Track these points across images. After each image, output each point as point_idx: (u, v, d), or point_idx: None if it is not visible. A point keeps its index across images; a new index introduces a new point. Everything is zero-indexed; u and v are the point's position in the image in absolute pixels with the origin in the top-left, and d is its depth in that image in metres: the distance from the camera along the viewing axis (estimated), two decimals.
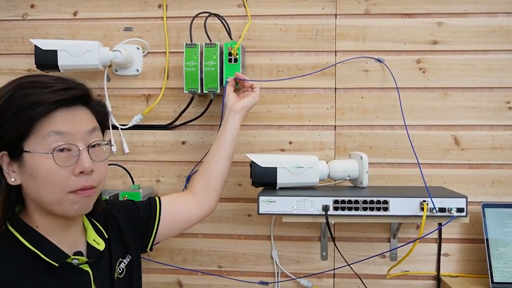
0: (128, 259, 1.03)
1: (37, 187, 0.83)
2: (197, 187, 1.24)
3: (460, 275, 1.49)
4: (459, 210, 1.21)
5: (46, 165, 0.82)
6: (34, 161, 0.82)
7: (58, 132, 0.82)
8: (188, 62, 1.44)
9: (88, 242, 0.94)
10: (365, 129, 1.52)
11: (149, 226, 1.12)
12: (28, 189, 0.85)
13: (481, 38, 1.49)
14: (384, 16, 1.51)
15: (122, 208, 1.09)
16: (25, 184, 0.84)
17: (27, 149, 0.82)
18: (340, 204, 1.24)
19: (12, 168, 0.83)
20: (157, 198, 1.18)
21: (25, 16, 1.60)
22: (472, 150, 1.50)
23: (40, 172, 0.82)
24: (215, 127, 1.54)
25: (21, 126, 0.81)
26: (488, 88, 1.49)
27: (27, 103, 0.81)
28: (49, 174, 0.82)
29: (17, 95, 0.82)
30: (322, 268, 1.54)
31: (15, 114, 0.80)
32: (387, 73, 1.50)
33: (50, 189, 0.83)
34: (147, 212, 1.13)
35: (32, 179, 0.83)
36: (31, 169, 0.82)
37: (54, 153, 0.82)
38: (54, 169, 0.82)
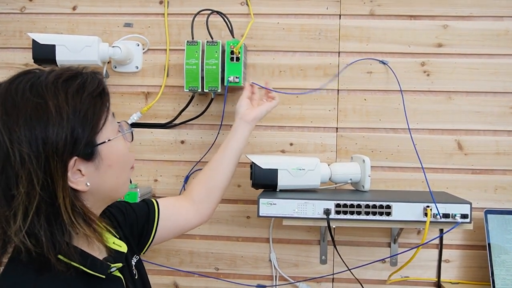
0: (136, 260, 0.98)
1: (117, 174, 0.80)
2: (197, 195, 1.18)
3: (461, 282, 1.47)
4: (463, 216, 1.19)
5: (122, 148, 0.82)
6: (112, 149, 0.78)
7: (113, 113, 0.82)
8: (189, 59, 1.41)
9: (108, 246, 0.86)
10: (367, 132, 1.50)
11: (146, 231, 1.06)
12: (102, 184, 0.78)
13: (487, 42, 1.47)
14: (389, 17, 1.49)
15: (119, 210, 1.03)
16: (99, 181, 0.77)
17: (103, 140, 0.77)
18: (342, 208, 1.22)
19: (81, 172, 0.74)
20: (155, 202, 1.11)
21: (23, 9, 1.57)
22: (475, 155, 1.48)
23: (121, 156, 0.81)
24: (215, 127, 1.51)
25: (100, 118, 0.76)
26: (492, 92, 1.47)
27: (93, 90, 0.76)
28: (125, 155, 0.82)
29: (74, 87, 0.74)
30: (321, 272, 1.51)
31: (90, 106, 0.74)
32: (390, 75, 1.48)
33: (125, 170, 0.83)
34: (144, 216, 1.07)
35: (111, 169, 0.79)
36: (111, 159, 0.78)
37: (128, 131, 0.84)
38: (126, 147, 0.83)
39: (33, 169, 0.68)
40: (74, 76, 0.75)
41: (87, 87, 0.75)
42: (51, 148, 0.69)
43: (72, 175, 0.73)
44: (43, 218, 0.70)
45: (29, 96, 0.70)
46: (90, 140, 0.74)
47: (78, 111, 0.72)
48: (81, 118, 0.72)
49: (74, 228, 0.73)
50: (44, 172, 0.69)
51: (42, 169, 0.68)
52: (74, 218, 0.72)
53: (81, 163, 0.74)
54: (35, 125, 0.68)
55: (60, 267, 0.72)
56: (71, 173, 0.72)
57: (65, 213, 0.71)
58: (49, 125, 0.69)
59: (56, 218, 0.71)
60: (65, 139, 0.70)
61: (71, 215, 0.72)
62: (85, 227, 0.74)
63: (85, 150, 0.73)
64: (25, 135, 0.68)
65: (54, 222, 0.71)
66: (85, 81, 0.75)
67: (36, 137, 0.68)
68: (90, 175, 0.75)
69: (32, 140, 0.68)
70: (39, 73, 0.75)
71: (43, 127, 0.69)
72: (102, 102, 0.77)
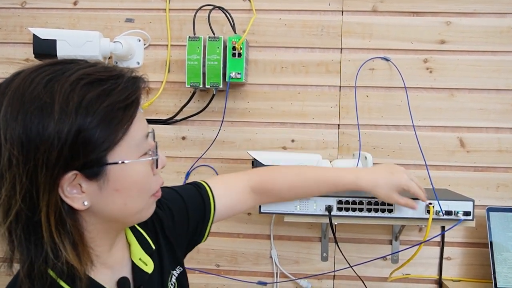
0: (179, 271, 0.86)
1: (125, 201, 0.67)
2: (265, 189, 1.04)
3: (462, 280, 1.47)
4: (465, 214, 1.18)
5: (142, 174, 0.68)
6: (126, 172, 0.66)
7: (146, 133, 0.69)
8: (190, 55, 1.40)
9: (133, 262, 0.77)
10: (369, 129, 1.49)
11: (202, 225, 0.93)
12: (106, 207, 0.66)
13: (490, 38, 1.46)
14: (392, 14, 1.48)
15: (170, 211, 0.89)
16: (102, 203, 0.66)
17: (114, 160, 0.64)
18: (344, 204, 1.21)
19: (81, 188, 0.63)
20: (208, 189, 0.96)
21: (24, 4, 1.56)
22: (477, 153, 1.47)
23: (134, 183, 0.67)
24: (217, 123, 1.50)
25: (113, 135, 0.63)
26: (495, 89, 1.47)
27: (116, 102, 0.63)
28: (144, 181, 0.69)
29: (94, 93, 0.62)
30: (322, 269, 1.51)
31: (104, 120, 0.62)
32: (393, 72, 1.47)
33: (139, 198, 0.69)
34: (199, 211, 0.93)
35: (118, 194, 0.66)
36: (120, 183, 0.65)
37: (152, 157, 0.69)
38: (147, 174, 0.69)
39: (18, 175, 0.59)
40: (103, 79, 0.64)
41: (112, 95, 0.63)
42: (42, 156, 0.59)
43: (70, 188, 0.62)
44: (20, 227, 0.62)
45: (40, 92, 0.60)
46: (96, 157, 0.62)
47: (88, 122, 0.60)
48: (90, 131, 0.61)
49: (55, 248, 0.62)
50: (29, 181, 0.59)
51: (27, 178, 0.59)
52: (58, 237, 0.62)
53: (82, 179, 0.63)
54: (32, 126, 0.59)
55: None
56: (67, 185, 0.62)
57: (46, 230, 0.61)
58: (47, 130, 0.59)
59: (36, 233, 0.62)
60: (59, 150, 0.59)
61: (55, 233, 0.62)
62: (70, 251, 0.63)
63: (87, 167, 0.62)
64: (19, 134, 0.59)
65: (31, 236, 0.62)
66: (114, 88, 0.63)
67: (30, 140, 0.59)
68: (91, 195, 0.64)
69: (25, 142, 0.59)
70: (68, 67, 0.64)
71: (40, 130, 0.59)
72: (124, 116, 0.64)
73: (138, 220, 0.73)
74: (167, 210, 0.88)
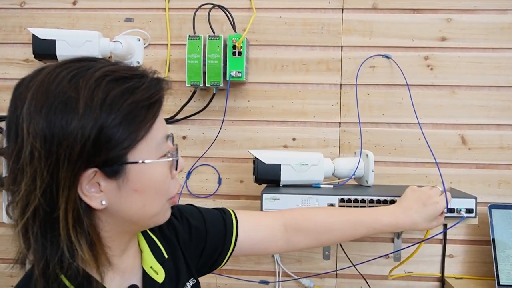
0: (192, 283, 0.84)
1: (144, 202, 0.67)
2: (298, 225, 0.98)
3: (465, 277, 1.46)
4: (468, 211, 1.18)
5: (162, 174, 0.68)
6: (146, 172, 0.65)
7: (166, 135, 0.69)
8: (190, 54, 1.40)
9: (144, 270, 0.76)
10: (370, 127, 1.49)
11: (219, 254, 0.91)
12: (124, 208, 0.66)
13: (491, 35, 1.46)
14: (392, 11, 1.48)
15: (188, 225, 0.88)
16: (120, 203, 0.65)
17: (135, 159, 0.64)
18: (346, 203, 1.21)
19: (99, 187, 0.63)
20: (234, 218, 0.93)
21: (22, 4, 1.55)
22: (479, 150, 1.47)
23: (153, 184, 0.67)
24: (217, 122, 1.50)
25: (135, 133, 0.63)
26: (496, 86, 1.46)
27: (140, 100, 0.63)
28: (163, 182, 0.68)
29: (119, 90, 0.62)
30: (324, 268, 1.51)
31: (127, 117, 0.62)
32: (394, 70, 1.47)
33: (157, 200, 0.69)
34: (219, 237, 0.90)
35: (137, 195, 0.66)
36: (139, 183, 0.65)
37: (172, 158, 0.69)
38: (166, 176, 0.69)
39: (39, 169, 0.59)
40: (127, 77, 0.64)
41: (136, 93, 0.63)
42: (65, 151, 0.58)
43: (89, 186, 0.62)
44: (37, 224, 0.61)
45: (65, 87, 0.60)
46: (117, 155, 0.62)
47: (111, 118, 0.60)
48: (113, 127, 0.60)
49: (71, 247, 0.62)
50: (50, 176, 0.59)
51: (49, 172, 0.59)
52: (75, 236, 0.61)
53: (102, 177, 0.62)
54: (56, 121, 0.59)
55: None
56: (86, 183, 0.62)
57: (64, 228, 0.61)
58: (71, 124, 0.59)
59: (53, 230, 0.62)
60: (82, 145, 0.59)
61: (72, 231, 0.61)
62: (86, 250, 0.62)
63: (108, 165, 0.62)
64: (42, 128, 0.58)
65: (48, 234, 0.62)
66: (138, 86, 0.64)
67: (53, 134, 0.58)
68: (109, 194, 0.64)
69: (48, 135, 0.58)
70: (92, 64, 0.65)
71: (63, 124, 0.59)
72: (146, 115, 0.64)
73: (154, 224, 0.73)
74: (185, 223, 0.88)
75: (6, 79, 1.56)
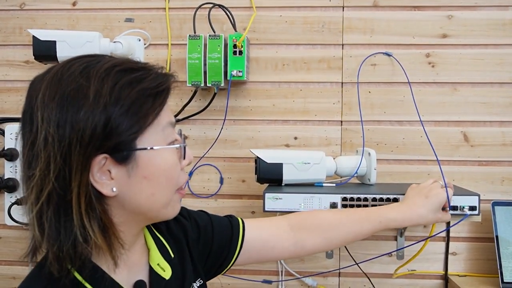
0: (199, 283, 0.85)
1: (153, 190, 0.69)
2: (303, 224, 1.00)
3: (468, 275, 1.46)
4: (471, 209, 1.17)
5: (170, 162, 0.70)
6: (155, 159, 0.68)
7: (172, 122, 0.72)
8: (191, 54, 1.39)
9: (151, 266, 0.77)
10: (372, 125, 1.48)
11: (225, 257, 0.92)
12: (134, 196, 0.68)
13: (492, 31, 1.45)
14: (393, 8, 1.47)
15: (196, 225, 0.90)
16: (130, 191, 0.68)
17: (144, 146, 0.66)
18: (349, 201, 1.21)
19: (110, 175, 0.65)
20: (241, 221, 0.96)
21: (22, 6, 1.55)
22: (481, 147, 1.46)
23: (162, 171, 0.69)
24: (219, 122, 1.49)
25: (143, 119, 0.66)
26: (498, 83, 1.46)
27: (148, 88, 0.66)
28: (171, 170, 0.70)
29: (127, 79, 0.65)
30: (327, 267, 1.50)
31: (135, 103, 0.65)
32: (395, 67, 1.47)
33: (166, 189, 0.71)
34: (225, 239, 0.92)
35: (147, 182, 0.68)
36: (148, 169, 0.67)
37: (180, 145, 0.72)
38: (175, 163, 0.71)
39: (53, 153, 0.61)
40: (134, 69, 0.67)
41: (144, 82, 0.66)
42: (77, 135, 0.61)
43: (100, 174, 0.65)
44: (52, 209, 0.64)
45: (77, 76, 0.64)
46: (127, 140, 0.65)
47: (120, 104, 0.63)
48: (122, 113, 0.63)
49: (84, 231, 0.64)
50: (63, 160, 0.62)
51: (62, 156, 0.62)
52: (88, 221, 0.64)
53: (112, 164, 0.65)
54: (69, 107, 0.62)
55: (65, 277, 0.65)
56: (97, 170, 0.64)
57: (76, 213, 0.63)
58: (82, 110, 0.62)
59: (66, 214, 0.64)
60: (93, 129, 0.62)
61: (84, 216, 0.63)
62: (99, 235, 0.64)
63: (117, 151, 0.64)
64: (55, 114, 0.62)
65: (62, 218, 0.64)
66: (145, 77, 0.67)
67: (66, 120, 0.62)
68: (119, 181, 0.66)
69: (61, 121, 0.62)
70: (101, 58, 0.68)
71: (75, 110, 0.62)
72: (154, 102, 0.67)
73: (163, 216, 0.74)
74: (193, 223, 0.90)
75: (7, 81, 1.56)
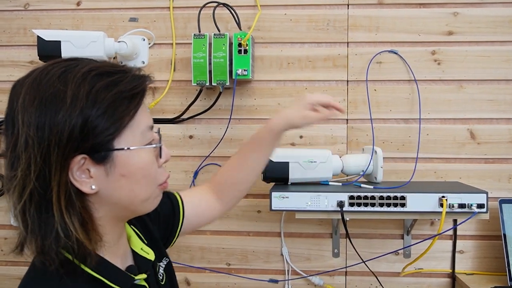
0: (166, 262, 0.91)
1: (132, 187, 0.72)
2: (224, 186, 1.08)
3: (476, 273, 1.45)
4: (479, 206, 1.17)
5: (147, 160, 0.73)
6: (131, 159, 0.71)
7: (149, 123, 0.75)
8: (196, 53, 1.39)
9: (135, 251, 0.82)
10: (378, 123, 1.48)
11: (172, 229, 1.00)
12: (113, 193, 0.71)
13: (498, 28, 1.44)
14: (398, 6, 1.47)
15: None
16: (109, 188, 0.71)
17: (120, 146, 0.69)
18: (356, 200, 1.20)
19: (89, 173, 0.68)
20: (178, 196, 1.03)
21: (27, 6, 1.55)
22: (488, 144, 1.46)
23: (139, 169, 0.72)
24: (224, 121, 1.49)
25: (118, 121, 0.68)
26: (505, 80, 1.45)
27: (123, 91, 0.68)
28: (148, 168, 0.74)
29: (103, 83, 0.68)
30: (333, 266, 1.50)
31: (111, 106, 0.67)
32: (401, 65, 1.46)
33: (145, 186, 0.74)
34: (169, 213, 0.99)
35: (125, 180, 0.71)
36: (126, 168, 0.71)
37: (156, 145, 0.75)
38: (152, 162, 0.74)
39: (33, 154, 0.65)
40: (111, 72, 0.70)
41: (120, 85, 0.69)
42: (55, 137, 0.64)
43: (79, 173, 0.67)
44: (34, 206, 0.67)
45: (55, 81, 0.67)
46: (104, 141, 0.68)
47: (97, 107, 0.66)
48: (98, 115, 0.66)
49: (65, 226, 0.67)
50: (43, 160, 0.65)
51: (41, 157, 0.65)
52: (68, 217, 0.67)
53: (91, 163, 0.68)
54: (47, 110, 0.65)
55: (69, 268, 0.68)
56: (77, 169, 0.67)
57: (57, 210, 0.66)
58: (60, 113, 0.65)
59: (47, 211, 0.67)
60: (70, 131, 0.65)
61: (64, 212, 0.66)
62: (80, 230, 0.67)
63: (95, 151, 0.67)
64: (35, 117, 0.65)
65: (43, 215, 0.67)
66: (121, 80, 0.69)
67: (44, 123, 0.65)
68: (98, 179, 0.69)
69: (40, 124, 0.65)
70: (80, 61, 0.70)
71: (54, 113, 0.65)
72: (129, 104, 0.69)
73: (145, 209, 0.78)
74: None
75: (12, 81, 1.54)
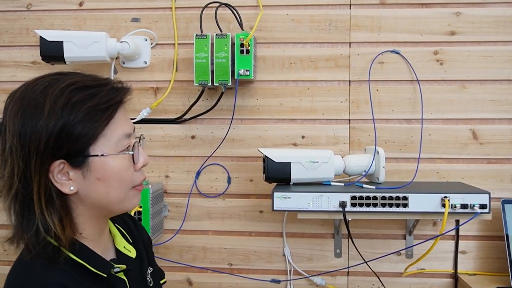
0: (150, 270, 0.98)
1: (107, 189, 0.80)
2: None
3: (478, 273, 1.45)
4: (481, 207, 1.17)
5: (121, 165, 0.80)
6: (106, 164, 0.78)
7: (126, 132, 0.81)
8: (198, 53, 1.39)
9: (118, 249, 0.90)
10: (380, 123, 1.47)
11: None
12: (91, 194, 0.79)
13: (501, 28, 1.44)
14: (400, 6, 1.46)
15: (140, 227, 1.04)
16: (87, 190, 0.79)
17: (95, 153, 0.77)
18: (358, 200, 1.20)
19: (68, 176, 0.77)
20: None
21: (29, 6, 1.55)
22: (490, 145, 1.45)
23: (114, 174, 0.79)
24: (226, 121, 1.49)
25: (92, 130, 0.76)
26: (507, 80, 1.45)
27: (97, 104, 0.76)
28: (122, 173, 0.80)
29: (79, 96, 0.75)
30: (335, 266, 1.50)
31: (85, 117, 0.75)
32: (403, 65, 1.46)
33: (119, 189, 0.81)
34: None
35: (101, 183, 0.79)
36: (101, 173, 0.78)
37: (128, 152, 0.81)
38: (126, 167, 0.81)
39: (16, 160, 0.74)
40: (90, 86, 0.77)
41: (95, 99, 0.76)
42: (34, 144, 0.73)
43: (60, 175, 0.76)
44: (18, 204, 0.76)
45: (37, 95, 0.75)
46: (80, 148, 0.76)
47: (72, 118, 0.74)
48: (73, 125, 0.74)
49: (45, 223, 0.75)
50: (25, 165, 0.74)
51: (23, 162, 0.73)
52: (48, 214, 0.75)
53: (69, 167, 0.76)
54: (28, 121, 0.73)
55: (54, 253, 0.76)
56: (57, 173, 0.75)
57: (38, 208, 0.75)
58: (38, 123, 0.73)
59: (29, 209, 0.76)
60: (47, 140, 0.73)
61: (45, 210, 0.75)
62: (58, 226, 0.76)
63: (72, 157, 0.76)
64: (18, 127, 0.74)
65: (25, 212, 0.76)
66: (97, 94, 0.77)
67: (25, 132, 0.73)
68: (76, 182, 0.77)
69: (22, 133, 0.73)
70: (63, 76, 0.78)
71: (33, 123, 0.73)
72: (102, 115, 0.77)
73: (122, 209, 0.85)
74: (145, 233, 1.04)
75: (14, 81, 1.56)
